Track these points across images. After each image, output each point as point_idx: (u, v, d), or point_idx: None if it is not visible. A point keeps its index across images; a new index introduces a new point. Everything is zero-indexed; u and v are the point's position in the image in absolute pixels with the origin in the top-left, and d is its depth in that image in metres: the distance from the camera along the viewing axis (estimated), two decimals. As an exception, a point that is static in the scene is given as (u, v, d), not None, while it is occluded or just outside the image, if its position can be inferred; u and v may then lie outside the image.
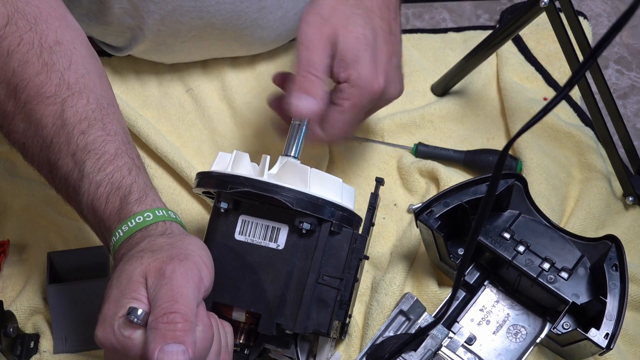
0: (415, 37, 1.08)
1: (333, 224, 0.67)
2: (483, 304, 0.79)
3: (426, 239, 0.80)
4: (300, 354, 0.69)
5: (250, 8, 0.92)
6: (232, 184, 0.67)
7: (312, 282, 0.66)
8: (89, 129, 0.67)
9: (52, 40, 0.68)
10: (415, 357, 0.73)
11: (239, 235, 0.68)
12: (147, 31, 0.92)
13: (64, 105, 0.67)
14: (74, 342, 0.80)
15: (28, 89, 0.67)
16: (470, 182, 0.78)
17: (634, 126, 1.05)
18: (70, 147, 0.66)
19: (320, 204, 0.67)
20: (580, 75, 0.53)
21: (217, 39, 0.95)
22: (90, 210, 0.66)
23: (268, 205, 0.68)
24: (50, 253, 0.82)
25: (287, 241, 0.67)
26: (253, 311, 0.66)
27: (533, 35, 1.08)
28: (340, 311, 0.67)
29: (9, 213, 0.90)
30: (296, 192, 0.66)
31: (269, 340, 0.68)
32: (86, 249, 0.84)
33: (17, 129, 0.69)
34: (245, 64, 1.03)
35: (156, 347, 0.54)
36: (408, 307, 0.76)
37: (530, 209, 0.80)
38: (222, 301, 0.66)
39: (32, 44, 0.67)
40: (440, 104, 0.99)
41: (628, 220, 0.91)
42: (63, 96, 0.67)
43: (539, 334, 0.78)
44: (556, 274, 0.75)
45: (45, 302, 0.82)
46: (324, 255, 0.67)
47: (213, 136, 0.97)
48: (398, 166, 0.95)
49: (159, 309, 0.56)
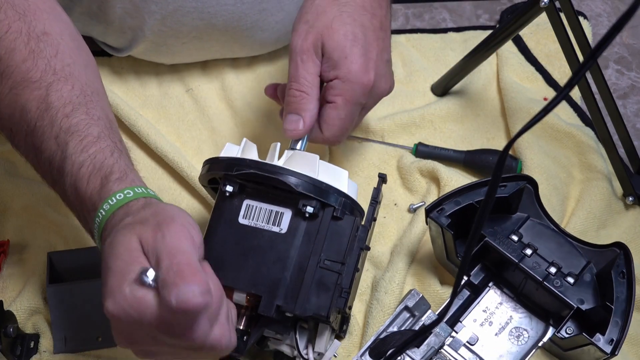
0: (415, 37, 1.08)
1: (336, 209, 0.68)
2: (487, 305, 0.79)
3: (434, 236, 0.80)
4: (300, 342, 0.69)
5: (251, 10, 0.92)
6: (239, 167, 0.68)
7: (313, 266, 0.67)
8: (73, 112, 0.67)
9: (40, 30, 0.69)
10: (418, 354, 0.73)
11: (242, 219, 0.69)
12: (147, 31, 0.92)
13: (49, 90, 0.68)
14: (74, 342, 0.80)
15: (14, 75, 0.68)
16: (482, 182, 0.78)
17: (634, 126, 1.05)
18: (53, 129, 0.67)
19: (325, 189, 0.68)
20: (581, 75, 0.53)
21: (218, 40, 0.95)
22: (73, 192, 0.66)
23: (273, 190, 0.69)
24: (50, 253, 0.82)
25: (290, 225, 0.68)
26: (254, 293, 0.67)
27: (533, 35, 1.08)
28: (341, 299, 0.67)
29: (9, 213, 0.90)
30: (301, 176, 0.68)
31: (268, 325, 0.68)
32: (86, 249, 0.83)
33: (4, 115, 0.70)
34: (245, 64, 1.03)
35: (171, 293, 0.54)
36: (413, 304, 0.76)
37: (539, 213, 0.80)
38: (223, 283, 0.66)
39: (19, 33, 0.68)
40: (440, 104, 0.99)
41: (629, 220, 0.91)
42: (48, 81, 0.68)
43: (541, 338, 0.78)
44: (562, 279, 0.75)
45: (45, 302, 0.82)
46: (325, 239, 0.68)
47: (213, 136, 0.97)
48: (398, 166, 0.95)
49: (164, 268, 0.56)
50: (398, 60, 1.05)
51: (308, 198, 0.68)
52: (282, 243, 0.68)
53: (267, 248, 0.68)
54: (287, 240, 0.68)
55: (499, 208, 0.79)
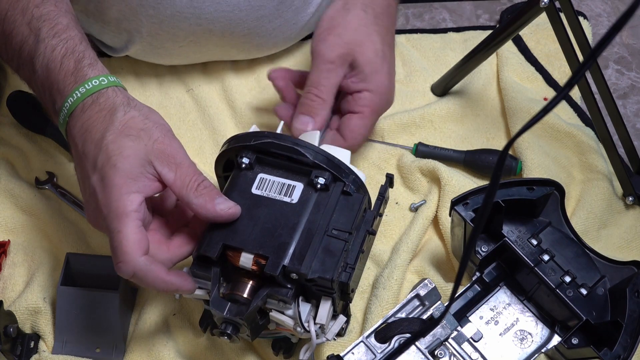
0: (415, 37, 1.08)
1: (347, 185, 0.71)
2: (495, 304, 0.80)
3: (456, 228, 0.81)
4: (302, 313, 0.69)
5: (248, 16, 0.92)
6: (257, 137, 0.73)
7: (321, 233, 0.69)
8: (43, 3, 0.73)
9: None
10: (423, 343, 0.74)
11: (255, 189, 0.72)
12: (144, 34, 0.92)
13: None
14: (73, 347, 0.80)
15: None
16: (512, 182, 0.79)
17: (634, 126, 1.05)
18: (25, 17, 0.73)
19: (338, 163, 0.72)
20: (580, 75, 0.53)
21: (215, 44, 0.95)
22: (44, 73, 0.71)
23: (287, 163, 0.72)
24: (69, 254, 0.81)
25: (302, 196, 0.71)
26: (261, 254, 0.67)
27: (533, 35, 1.08)
28: (345, 273, 0.68)
29: (9, 213, 0.90)
30: (317, 148, 0.72)
31: (273, 288, 0.68)
32: (105, 257, 0.82)
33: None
34: (245, 65, 1.03)
35: (210, 202, 0.67)
36: (425, 293, 0.76)
37: (561, 221, 0.81)
38: (231, 244, 0.68)
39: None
40: (440, 104, 0.99)
41: (629, 220, 0.91)
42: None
43: (545, 344, 0.78)
44: (575, 289, 0.75)
45: (45, 302, 0.82)
46: (335, 211, 0.70)
47: (214, 136, 0.97)
48: (399, 165, 0.95)
49: (184, 181, 0.67)
50: (398, 60, 1.04)
51: (321, 169, 0.71)
52: (292, 211, 0.70)
53: (277, 215, 0.70)
54: (297, 209, 0.70)
55: (523, 210, 0.79)
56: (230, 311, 0.68)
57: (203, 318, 0.76)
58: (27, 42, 0.72)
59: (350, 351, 0.73)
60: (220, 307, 0.68)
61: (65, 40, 0.71)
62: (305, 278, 0.67)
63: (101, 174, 0.65)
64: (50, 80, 0.70)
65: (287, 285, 0.68)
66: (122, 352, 0.80)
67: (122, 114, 0.68)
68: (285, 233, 0.68)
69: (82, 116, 0.68)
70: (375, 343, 0.74)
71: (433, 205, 0.90)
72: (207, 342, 0.81)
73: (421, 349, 0.73)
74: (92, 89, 0.69)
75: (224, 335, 0.69)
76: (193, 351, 0.81)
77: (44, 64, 0.70)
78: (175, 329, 0.82)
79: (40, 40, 0.71)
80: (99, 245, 0.88)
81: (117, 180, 0.64)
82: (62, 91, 0.69)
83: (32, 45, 0.72)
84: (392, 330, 0.74)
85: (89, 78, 0.69)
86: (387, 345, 0.73)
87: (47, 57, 0.70)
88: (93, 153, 0.67)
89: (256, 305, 0.67)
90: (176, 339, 0.82)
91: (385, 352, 0.73)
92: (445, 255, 0.88)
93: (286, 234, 0.68)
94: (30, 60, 0.72)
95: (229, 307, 0.68)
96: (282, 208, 0.70)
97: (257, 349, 0.81)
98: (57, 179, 0.92)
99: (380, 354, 0.73)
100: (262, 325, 0.71)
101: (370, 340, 0.74)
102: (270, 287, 0.68)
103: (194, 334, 0.82)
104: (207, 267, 0.69)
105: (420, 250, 0.88)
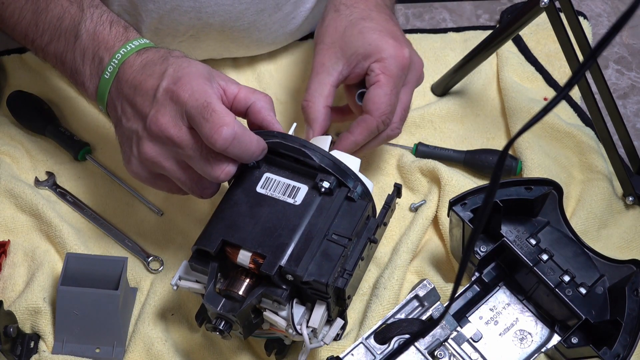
0: (415, 37, 1.08)
1: (351, 191, 0.71)
2: (494, 304, 0.80)
3: (454, 229, 0.81)
4: (295, 316, 0.69)
5: (248, 10, 0.92)
6: (266, 136, 0.72)
7: (320, 236, 0.69)
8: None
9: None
10: (423, 344, 0.73)
11: (260, 188, 0.72)
12: (144, 29, 0.92)
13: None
14: (73, 347, 0.80)
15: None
16: (510, 182, 0.79)
17: (634, 126, 1.05)
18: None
19: (344, 168, 0.72)
20: (580, 75, 0.53)
21: (215, 39, 0.95)
22: (90, 36, 0.76)
23: (294, 165, 0.72)
24: (69, 254, 0.81)
25: (305, 199, 0.71)
26: (259, 252, 0.67)
27: (533, 35, 1.08)
28: (342, 279, 0.68)
29: (9, 213, 0.90)
30: (324, 152, 0.72)
31: (268, 287, 0.68)
32: (105, 258, 0.83)
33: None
34: (245, 63, 1.03)
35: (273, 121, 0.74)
36: (424, 294, 0.76)
37: (560, 220, 0.80)
38: (231, 240, 0.68)
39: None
40: (440, 104, 0.99)
41: (629, 220, 0.91)
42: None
43: (545, 344, 0.78)
44: (574, 289, 0.76)
45: (45, 302, 0.82)
46: (337, 216, 0.70)
47: (213, 136, 0.97)
48: (398, 165, 0.95)
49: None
50: (398, 60, 1.05)
51: (327, 173, 0.71)
52: (294, 213, 0.70)
53: (278, 215, 0.70)
54: (299, 211, 0.70)
55: (522, 210, 0.79)
56: (224, 307, 0.68)
57: (199, 312, 0.76)
58: (68, 11, 0.77)
59: (350, 352, 0.73)
60: (214, 302, 0.68)
61: (107, 12, 0.78)
62: (301, 280, 0.66)
63: (174, 77, 0.69)
64: (97, 41, 0.75)
65: (282, 285, 0.68)
66: (122, 352, 0.80)
67: (178, 52, 0.74)
68: (285, 234, 0.69)
69: (138, 58, 0.73)
70: (375, 344, 0.74)
71: (433, 205, 0.90)
72: (205, 341, 0.81)
73: (421, 349, 0.73)
74: (145, 44, 0.75)
75: (216, 330, 0.69)
76: (191, 350, 0.81)
77: (91, 29, 0.76)
78: (173, 328, 0.82)
79: (85, 8, 0.77)
80: (99, 245, 0.88)
81: (194, 74, 0.69)
82: (112, 48, 0.75)
83: (77, 13, 0.77)
84: (391, 331, 0.74)
85: (139, 37, 0.76)
86: (386, 346, 0.73)
87: (94, 21, 0.76)
88: (159, 69, 0.71)
89: (250, 304, 0.68)
90: (175, 338, 0.82)
91: (385, 353, 0.73)
92: (445, 255, 0.88)
93: (286, 234, 0.68)
94: (73, 28, 0.77)
95: (223, 303, 0.68)
96: (284, 209, 0.70)
97: (256, 349, 0.81)
98: (57, 179, 0.92)
99: (379, 355, 0.73)
100: (255, 324, 0.71)
101: (370, 342, 0.74)
102: (266, 287, 0.68)
103: (192, 333, 0.82)
104: (205, 261, 0.70)
105: (420, 250, 0.88)
